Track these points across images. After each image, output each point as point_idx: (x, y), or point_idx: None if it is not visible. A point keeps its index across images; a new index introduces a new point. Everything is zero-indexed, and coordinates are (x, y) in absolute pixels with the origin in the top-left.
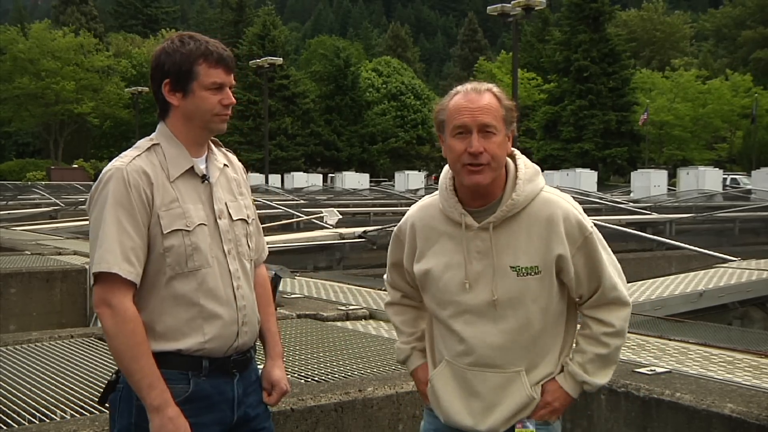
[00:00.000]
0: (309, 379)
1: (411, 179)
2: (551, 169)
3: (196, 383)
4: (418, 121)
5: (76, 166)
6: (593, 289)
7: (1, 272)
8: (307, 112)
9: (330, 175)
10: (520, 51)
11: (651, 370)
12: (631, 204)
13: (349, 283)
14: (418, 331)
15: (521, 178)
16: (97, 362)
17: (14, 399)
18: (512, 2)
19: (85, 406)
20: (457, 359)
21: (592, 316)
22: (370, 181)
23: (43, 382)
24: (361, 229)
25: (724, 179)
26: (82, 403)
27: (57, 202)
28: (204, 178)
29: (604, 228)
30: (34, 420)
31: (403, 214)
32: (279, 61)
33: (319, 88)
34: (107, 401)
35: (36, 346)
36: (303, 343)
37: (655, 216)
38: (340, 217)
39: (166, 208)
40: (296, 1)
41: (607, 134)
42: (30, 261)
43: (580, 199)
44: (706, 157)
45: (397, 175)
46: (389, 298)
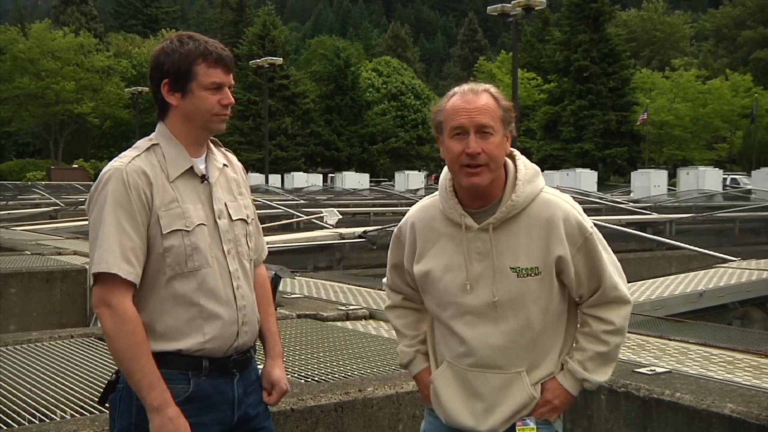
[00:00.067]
0: (309, 379)
1: (411, 179)
2: (551, 169)
3: (196, 383)
4: (419, 121)
5: (76, 166)
6: (594, 289)
7: (1, 272)
8: (307, 112)
9: (330, 175)
10: (520, 51)
11: (651, 370)
12: (631, 204)
13: (349, 283)
14: (421, 334)
15: (521, 179)
16: (97, 362)
17: (14, 399)
18: (512, 2)
19: (85, 406)
20: (458, 360)
21: (592, 315)
22: (370, 181)
23: (43, 382)
24: (361, 229)
25: (724, 179)
26: (82, 403)
27: (57, 202)
28: (203, 178)
29: (604, 228)
30: (34, 420)
31: (403, 214)
32: (279, 61)
33: (319, 88)
34: (107, 401)
35: (36, 346)
36: (303, 343)
37: (655, 216)
38: (340, 217)
39: (166, 209)
40: (296, 1)
41: (607, 134)
42: (30, 261)
43: (580, 199)
44: (706, 157)
45: (397, 175)
46: (390, 302)
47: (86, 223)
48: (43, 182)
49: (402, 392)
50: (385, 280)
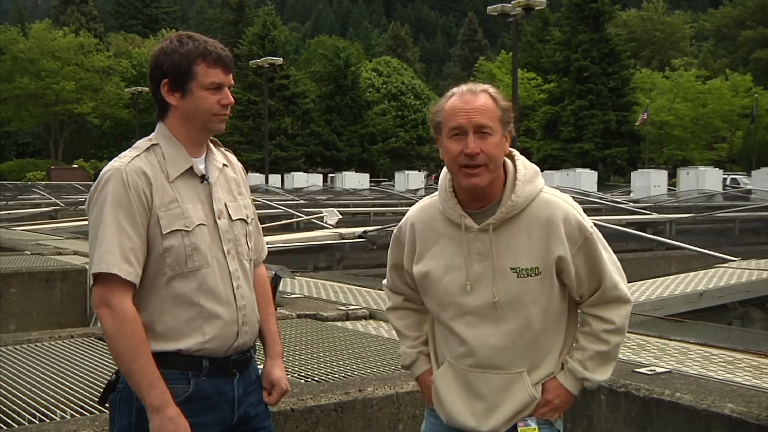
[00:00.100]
0: (309, 379)
1: (411, 179)
2: (551, 169)
3: (196, 383)
4: (419, 121)
5: (76, 166)
6: (594, 288)
7: (1, 272)
8: (307, 112)
9: (330, 175)
10: (520, 51)
11: (651, 370)
12: (631, 204)
13: (349, 283)
14: (423, 335)
15: (520, 179)
16: (97, 362)
17: (14, 399)
18: (512, 2)
19: (85, 406)
20: (459, 361)
21: (593, 314)
22: (370, 181)
23: (43, 382)
24: (361, 229)
25: (724, 179)
26: (82, 403)
27: (57, 202)
28: (203, 178)
29: (604, 228)
30: (34, 420)
31: (403, 214)
32: (279, 61)
33: (319, 88)
34: (107, 401)
35: (36, 346)
36: (303, 343)
37: (655, 216)
38: (340, 217)
39: (166, 209)
40: (296, 1)
41: (607, 134)
42: (30, 261)
43: (580, 199)
44: (706, 157)
45: (397, 175)
46: (390, 303)
47: (86, 223)
48: (43, 182)
49: (402, 392)
50: (385, 281)
